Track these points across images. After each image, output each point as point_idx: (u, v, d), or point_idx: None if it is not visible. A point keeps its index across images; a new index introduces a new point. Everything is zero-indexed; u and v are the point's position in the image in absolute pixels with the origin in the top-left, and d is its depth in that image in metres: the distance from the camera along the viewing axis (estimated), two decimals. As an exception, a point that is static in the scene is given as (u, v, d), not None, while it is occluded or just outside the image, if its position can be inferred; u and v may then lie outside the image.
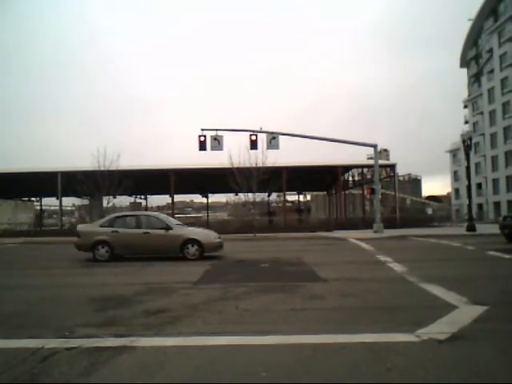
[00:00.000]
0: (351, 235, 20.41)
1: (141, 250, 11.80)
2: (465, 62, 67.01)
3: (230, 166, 24.88)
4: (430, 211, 44.77)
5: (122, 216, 12.73)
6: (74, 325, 4.50)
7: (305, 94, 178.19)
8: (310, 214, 55.41)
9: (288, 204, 49.34)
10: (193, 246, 11.35)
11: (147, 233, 11.55)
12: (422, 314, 4.72)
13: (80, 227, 12.97)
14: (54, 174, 30.73)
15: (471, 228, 21.53)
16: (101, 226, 12.05)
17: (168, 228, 11.66)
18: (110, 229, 11.76)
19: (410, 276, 7.55)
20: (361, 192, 41.72)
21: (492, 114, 54.95)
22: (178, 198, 41.20)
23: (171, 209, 34.98)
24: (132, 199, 51.70)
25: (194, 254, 11.24)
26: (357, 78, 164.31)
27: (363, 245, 15.24)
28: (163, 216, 13.41)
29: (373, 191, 24.90)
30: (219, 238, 12.20)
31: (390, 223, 26.40)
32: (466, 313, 4.68)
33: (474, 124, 61.07)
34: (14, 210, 39.54)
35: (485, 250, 11.98)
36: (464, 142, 22.71)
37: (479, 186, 58.00)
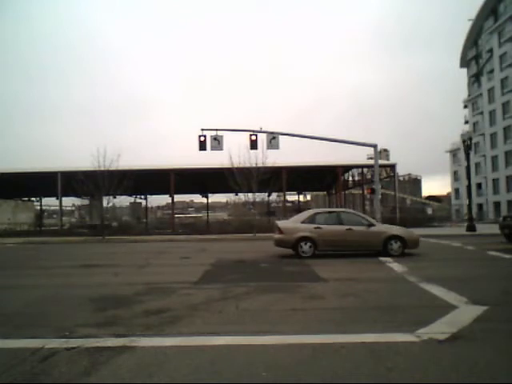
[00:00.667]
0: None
1: (343, 246, 11.72)
2: (465, 62, 67.01)
3: (230, 166, 24.88)
4: (429, 211, 44.79)
5: (323, 212, 12.57)
6: (73, 325, 4.50)
7: (305, 94, 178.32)
8: (309, 214, 55.26)
9: (288, 204, 49.35)
10: (396, 242, 11.39)
11: (350, 229, 11.50)
12: (422, 314, 4.72)
13: (282, 223, 12.55)
14: (54, 174, 30.74)
15: (471, 228, 21.53)
16: (302, 223, 11.90)
17: (371, 224, 11.75)
18: (313, 225, 11.67)
19: (410, 276, 7.55)
20: (361, 192, 41.72)
21: (492, 113, 54.95)
22: (178, 197, 41.21)
23: (171, 209, 34.99)
24: (132, 199, 51.74)
25: (397, 251, 11.26)
26: (357, 78, 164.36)
27: (363, 245, 15.20)
28: (361, 213, 13.90)
29: (373, 191, 24.89)
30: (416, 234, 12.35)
31: (389, 223, 26.28)
32: (466, 313, 4.68)
33: (474, 124, 61.08)
34: (14, 209, 39.54)
35: (485, 249, 11.98)
36: (464, 142, 22.70)
37: (479, 186, 58.01)
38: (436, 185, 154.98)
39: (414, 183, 78.86)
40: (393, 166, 33.86)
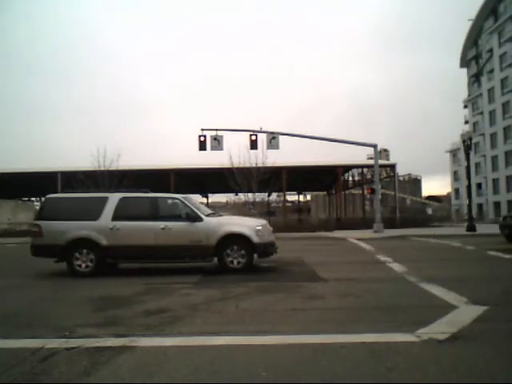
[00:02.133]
0: (351, 235, 20.40)
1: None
2: (465, 62, 67.02)
3: (230, 166, 24.91)
4: (429, 211, 44.85)
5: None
6: (73, 325, 4.50)
7: (305, 94, 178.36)
8: (309, 214, 55.40)
9: (288, 204, 49.36)
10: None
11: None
12: (422, 313, 4.72)
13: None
14: (54, 174, 30.74)
15: (471, 228, 21.53)
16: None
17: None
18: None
19: (410, 276, 7.54)
20: (361, 192, 41.73)
21: (492, 114, 54.96)
22: (177, 197, 41.11)
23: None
24: (132, 199, 51.63)
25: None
26: (357, 78, 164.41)
27: (363, 245, 15.24)
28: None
29: (373, 191, 24.90)
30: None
31: (389, 223, 26.40)
32: (466, 313, 4.68)
33: (474, 124, 61.09)
34: (14, 209, 39.50)
35: (485, 249, 11.97)
36: (464, 142, 22.69)
37: (479, 186, 58.02)
38: (436, 185, 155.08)
39: (414, 183, 78.86)
40: (393, 166, 33.89)
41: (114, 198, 8.84)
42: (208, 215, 9.05)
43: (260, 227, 8.77)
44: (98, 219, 8.61)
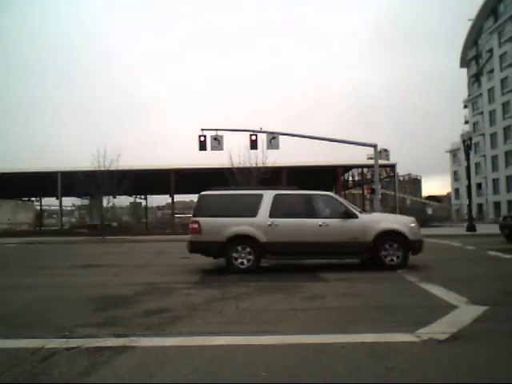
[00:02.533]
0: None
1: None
2: (465, 62, 67.02)
3: (230, 166, 24.92)
4: (429, 211, 44.82)
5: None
6: (73, 325, 4.50)
7: (305, 94, 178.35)
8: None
9: (288, 204, 49.21)
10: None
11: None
12: (422, 313, 4.72)
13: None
14: (54, 174, 30.77)
15: (471, 228, 21.54)
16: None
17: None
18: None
19: (410, 276, 7.55)
20: (361, 192, 41.73)
21: (492, 114, 54.97)
22: (178, 197, 41.18)
23: (171, 209, 34.98)
24: (132, 199, 51.77)
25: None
26: (357, 78, 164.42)
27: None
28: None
29: (373, 191, 24.90)
30: None
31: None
32: (466, 313, 4.68)
33: (474, 124, 61.09)
34: (14, 209, 39.53)
35: (485, 250, 11.97)
36: (464, 142, 22.71)
37: (479, 186, 58.02)
38: (436, 185, 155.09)
39: (414, 183, 78.90)
40: (393, 166, 33.90)
41: (268, 195, 8.85)
42: (360, 212, 9.21)
43: (414, 224, 8.86)
44: (256, 216, 8.64)
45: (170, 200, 34.80)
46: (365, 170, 37.13)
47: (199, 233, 8.68)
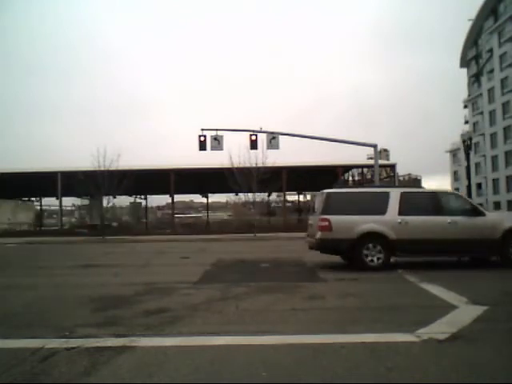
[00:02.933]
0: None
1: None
2: (465, 62, 67.01)
3: (229, 166, 24.93)
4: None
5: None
6: (73, 325, 4.50)
7: (305, 94, 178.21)
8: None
9: (288, 204, 49.36)
10: None
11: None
12: (422, 313, 4.72)
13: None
14: (54, 174, 30.79)
15: (471, 228, 21.50)
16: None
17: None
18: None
19: (410, 276, 7.55)
20: (361, 192, 41.66)
21: (492, 114, 54.95)
22: (178, 197, 41.24)
23: (171, 209, 35.00)
24: (132, 199, 51.76)
25: None
26: (357, 78, 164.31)
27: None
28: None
29: (373, 191, 24.87)
30: None
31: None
32: (465, 313, 4.68)
33: (474, 124, 61.08)
34: (14, 209, 39.56)
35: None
36: (464, 142, 22.68)
37: (479, 186, 58.01)
38: (436, 185, 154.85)
39: (414, 183, 78.72)
40: (393, 166, 33.92)
41: (395, 193, 8.92)
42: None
43: None
44: (385, 214, 8.68)
45: (169, 200, 34.84)
46: (365, 170, 37.17)
47: (330, 230, 8.67)
